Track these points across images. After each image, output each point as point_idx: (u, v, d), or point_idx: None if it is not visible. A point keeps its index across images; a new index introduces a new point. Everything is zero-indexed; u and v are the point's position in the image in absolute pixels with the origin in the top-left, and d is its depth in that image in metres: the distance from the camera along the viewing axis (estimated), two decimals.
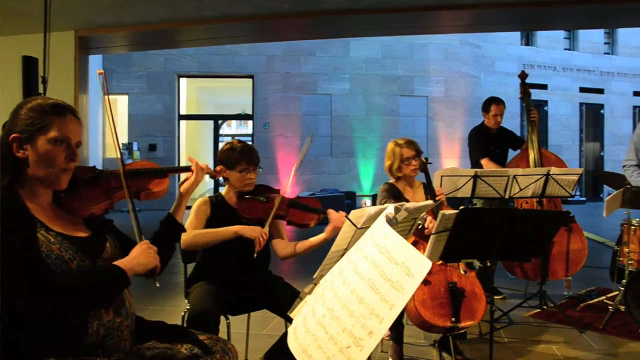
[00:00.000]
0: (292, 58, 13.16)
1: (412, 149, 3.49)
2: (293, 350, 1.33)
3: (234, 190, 2.88)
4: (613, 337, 3.90)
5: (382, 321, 1.15)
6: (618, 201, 2.70)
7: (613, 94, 16.82)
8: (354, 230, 2.01)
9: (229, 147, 2.87)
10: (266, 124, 13.09)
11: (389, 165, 3.53)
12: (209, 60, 12.94)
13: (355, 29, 8.11)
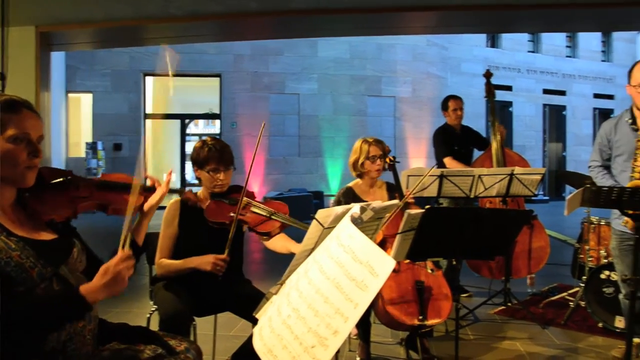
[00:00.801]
0: (260, 57, 13.10)
1: (379, 148, 3.49)
2: (258, 351, 1.32)
3: (207, 190, 2.79)
4: (574, 332, 4.01)
5: (347, 320, 1.16)
6: (578, 200, 2.76)
7: (574, 96, 17.27)
8: (321, 229, 2.01)
9: (200, 145, 2.76)
10: (233, 123, 13.00)
11: (354, 160, 3.50)
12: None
13: (323, 29, 8.11)
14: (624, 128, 3.19)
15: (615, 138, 3.24)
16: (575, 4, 5.50)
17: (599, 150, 3.34)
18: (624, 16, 6.01)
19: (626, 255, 3.23)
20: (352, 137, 12.64)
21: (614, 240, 3.35)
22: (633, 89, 3.07)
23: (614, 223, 3.34)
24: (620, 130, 3.22)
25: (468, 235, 2.54)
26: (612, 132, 3.26)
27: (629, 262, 3.20)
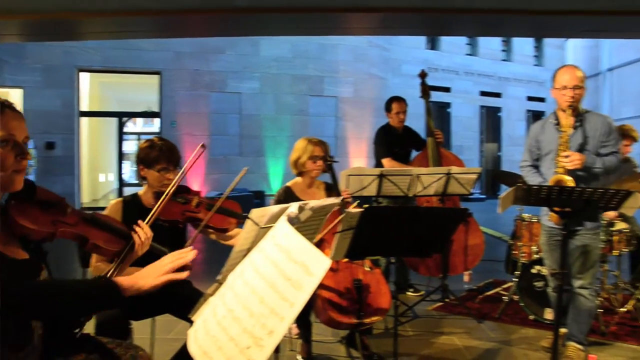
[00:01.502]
0: (201, 55, 12.87)
1: (322, 149, 3.51)
2: (193, 354, 1.30)
3: (152, 190, 2.72)
4: (507, 325, 4.16)
5: (283, 320, 1.15)
6: (511, 198, 2.86)
7: (509, 98, 17.93)
8: (257, 229, 1.99)
9: (148, 145, 2.69)
10: (173, 122, 12.71)
11: (295, 158, 3.51)
12: (113, 54, 12.33)
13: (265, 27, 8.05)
14: (550, 129, 3.37)
15: (542, 138, 3.42)
16: (509, 10, 5.69)
17: (528, 151, 3.51)
18: (554, 23, 6.28)
19: (554, 250, 3.40)
20: (294, 136, 12.62)
21: (543, 236, 3.51)
22: (557, 91, 3.25)
23: (543, 219, 3.51)
24: (546, 131, 3.40)
25: (406, 234, 2.59)
26: (540, 133, 3.45)
27: (557, 256, 3.36)
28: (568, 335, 3.42)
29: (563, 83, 3.20)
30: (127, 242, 1.95)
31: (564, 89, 3.19)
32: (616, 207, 2.79)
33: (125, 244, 1.95)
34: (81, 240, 1.81)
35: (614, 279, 4.49)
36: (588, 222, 3.26)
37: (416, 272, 4.91)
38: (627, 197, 2.69)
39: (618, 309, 4.23)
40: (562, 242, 2.88)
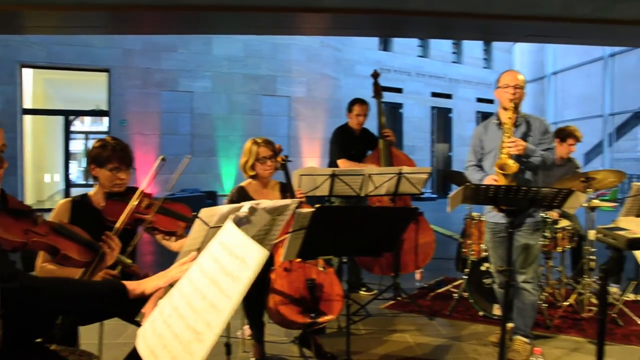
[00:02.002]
0: (152, 53, 12.60)
1: (269, 149, 3.48)
2: (142, 354, 1.30)
3: (103, 190, 2.65)
4: (458, 322, 4.24)
5: (222, 314, 1.16)
6: (459, 197, 2.92)
7: (460, 100, 18.35)
8: (207, 229, 1.96)
9: (100, 144, 2.63)
10: (123, 121, 12.39)
11: (244, 162, 3.50)
12: (59, 50, 11.91)
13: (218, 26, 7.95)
14: (493, 128, 3.55)
15: (485, 138, 3.58)
16: (460, 13, 5.82)
17: (473, 151, 3.65)
18: (501, 28, 6.46)
19: (498, 246, 3.51)
20: (246, 136, 12.43)
21: (487, 233, 3.62)
22: (500, 90, 3.44)
23: (487, 217, 3.62)
24: (489, 131, 3.57)
25: (357, 233, 2.60)
26: (483, 134, 3.61)
27: (501, 253, 3.47)
28: (514, 329, 3.53)
29: (506, 82, 3.40)
30: (97, 253, 1.95)
31: (507, 87, 3.38)
32: (559, 206, 2.89)
33: (94, 254, 1.95)
34: (52, 250, 1.80)
35: (558, 275, 4.65)
36: (529, 219, 3.38)
37: (369, 271, 4.94)
38: (569, 195, 2.79)
39: (561, 303, 4.38)
40: (507, 239, 2.96)
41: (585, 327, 4.01)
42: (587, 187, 4.28)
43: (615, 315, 4.14)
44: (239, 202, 3.13)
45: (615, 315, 4.14)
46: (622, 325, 4.06)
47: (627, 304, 4.50)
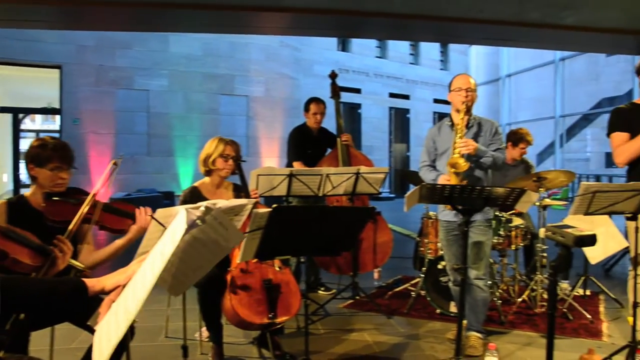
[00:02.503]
0: (106, 50, 12.26)
1: (233, 149, 3.51)
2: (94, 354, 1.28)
3: (42, 190, 2.57)
4: (415, 320, 4.30)
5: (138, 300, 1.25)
6: (416, 197, 2.96)
7: (417, 100, 18.60)
8: (162, 230, 1.93)
9: (39, 144, 2.54)
10: (76, 119, 12.01)
11: (205, 156, 3.46)
12: (7, 45, 11.38)
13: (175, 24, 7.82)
14: (446, 130, 3.63)
15: (438, 139, 3.66)
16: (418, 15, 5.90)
17: (427, 152, 3.72)
18: (458, 30, 6.58)
19: (452, 244, 3.59)
20: (204, 136, 12.36)
21: (441, 232, 3.69)
22: (453, 93, 3.52)
23: (440, 215, 3.69)
24: (442, 132, 3.65)
25: (315, 233, 2.60)
26: (436, 135, 3.69)
27: (455, 251, 3.55)
28: (468, 325, 3.61)
29: (458, 85, 3.49)
30: (48, 257, 1.91)
31: (459, 90, 3.46)
32: (512, 205, 2.97)
33: (45, 259, 1.91)
34: (1, 255, 1.74)
35: (512, 272, 4.77)
36: (480, 216, 3.45)
37: (327, 271, 4.95)
38: (521, 195, 2.87)
39: (515, 299, 4.50)
40: (461, 237, 3.02)
41: (538, 322, 4.13)
42: (539, 186, 4.40)
43: (566, 310, 4.28)
44: (192, 202, 3.11)
45: (565, 310, 4.28)
46: (572, 319, 4.20)
47: (577, 298, 4.65)
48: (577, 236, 2.27)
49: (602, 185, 2.69)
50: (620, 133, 3.31)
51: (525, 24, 5.90)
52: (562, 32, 6.05)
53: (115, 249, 2.59)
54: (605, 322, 4.24)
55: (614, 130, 3.35)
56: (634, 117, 3.28)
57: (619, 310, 4.54)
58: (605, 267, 6.07)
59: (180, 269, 1.84)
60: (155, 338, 3.83)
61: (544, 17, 5.67)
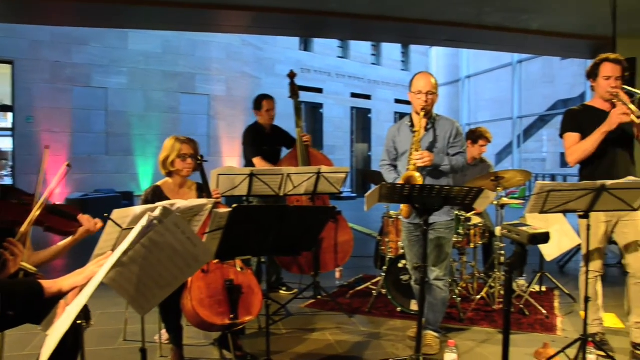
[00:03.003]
0: (62, 46, 11.89)
1: (191, 147, 3.45)
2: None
3: None
4: (376, 318, 4.33)
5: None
6: (376, 196, 2.98)
7: (378, 100, 18.76)
8: (119, 231, 1.88)
9: None
10: (29, 117, 11.60)
11: (164, 157, 3.42)
12: None
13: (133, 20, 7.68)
14: (405, 130, 3.59)
15: (398, 140, 3.63)
16: (380, 16, 5.95)
17: (387, 151, 3.72)
18: (418, 32, 6.67)
19: (414, 245, 3.61)
20: (164, 135, 12.05)
21: (404, 232, 3.71)
22: (413, 95, 3.48)
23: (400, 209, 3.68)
24: (402, 133, 3.62)
25: (275, 233, 2.59)
26: (396, 135, 3.66)
27: (416, 251, 3.58)
28: (425, 324, 3.63)
29: (418, 88, 3.43)
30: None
31: (419, 93, 3.42)
32: (471, 204, 3.02)
33: None
34: None
35: (471, 270, 4.86)
36: (442, 217, 3.48)
37: (288, 271, 4.94)
38: (479, 194, 2.93)
39: (474, 296, 4.59)
40: (422, 237, 3.06)
41: (496, 318, 4.22)
42: (497, 185, 4.50)
43: (523, 306, 4.38)
44: (154, 202, 3.06)
45: (522, 306, 4.38)
46: (529, 315, 4.31)
47: (533, 294, 4.78)
48: (531, 234, 2.33)
49: (556, 184, 2.76)
50: (572, 134, 3.40)
51: (485, 27, 6.03)
52: (520, 35, 6.21)
53: (57, 250, 2.53)
54: (560, 316, 4.37)
55: (566, 131, 3.45)
56: (585, 119, 3.38)
57: (572, 305, 4.68)
58: (560, 264, 6.25)
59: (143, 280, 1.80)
60: (113, 341, 3.75)
61: (503, 21, 5.81)
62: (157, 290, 1.89)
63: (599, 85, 3.34)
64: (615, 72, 3.26)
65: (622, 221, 3.34)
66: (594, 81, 3.38)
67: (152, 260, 1.79)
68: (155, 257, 1.79)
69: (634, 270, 3.32)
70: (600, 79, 3.31)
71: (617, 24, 4.92)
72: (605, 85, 3.28)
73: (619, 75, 3.27)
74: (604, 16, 4.97)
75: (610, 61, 3.28)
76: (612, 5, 4.73)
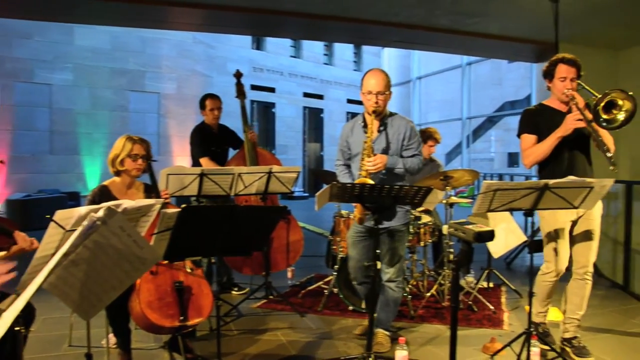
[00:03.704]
0: (2, 39, 11.32)
1: (143, 147, 3.37)
2: None
3: None
4: (328, 317, 4.35)
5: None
6: (327, 196, 2.99)
7: (331, 100, 18.85)
8: (62, 232, 1.82)
9: None
10: None
11: (113, 156, 3.33)
12: None
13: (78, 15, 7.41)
14: (358, 131, 3.52)
15: (351, 140, 3.57)
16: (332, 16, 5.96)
17: (340, 151, 3.67)
18: (370, 32, 6.72)
19: (359, 242, 3.56)
20: (112, 133, 11.80)
21: (351, 229, 3.66)
22: (363, 95, 3.39)
23: (353, 215, 3.67)
24: (355, 133, 3.55)
25: (225, 233, 2.56)
26: (349, 135, 3.59)
27: (360, 249, 3.55)
28: (376, 322, 3.64)
29: (369, 88, 3.34)
30: None
31: (369, 94, 3.33)
32: (420, 203, 3.06)
33: None
34: None
35: (421, 267, 4.94)
36: (396, 222, 3.48)
37: (239, 271, 4.91)
38: (428, 193, 2.97)
39: (424, 294, 4.67)
40: (374, 237, 3.08)
41: (446, 315, 4.30)
42: (446, 185, 4.59)
43: (471, 303, 4.49)
44: (101, 202, 2.97)
45: (470, 303, 4.49)
46: (477, 310, 4.42)
47: (481, 291, 4.90)
48: (477, 232, 2.38)
49: (502, 183, 2.82)
50: (529, 135, 3.42)
51: (435, 29, 6.14)
52: (469, 38, 6.35)
53: None
54: (507, 311, 4.50)
55: (523, 132, 3.46)
56: (542, 120, 3.41)
57: (519, 300, 4.83)
58: (506, 261, 6.44)
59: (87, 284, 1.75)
60: (57, 347, 3.62)
61: (452, 24, 5.92)
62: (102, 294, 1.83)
63: (555, 86, 3.36)
64: (570, 74, 3.29)
65: (583, 220, 3.38)
66: (550, 82, 3.40)
67: (96, 263, 1.74)
68: (99, 260, 1.75)
69: (576, 267, 3.40)
70: (556, 80, 3.34)
71: (559, 30, 5.11)
72: (561, 87, 3.31)
73: (574, 77, 3.30)
74: (547, 22, 5.15)
75: (566, 62, 3.30)
76: (554, 11, 4.89)
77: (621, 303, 4.80)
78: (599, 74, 6.13)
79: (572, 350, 3.38)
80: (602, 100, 3.03)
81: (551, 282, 3.45)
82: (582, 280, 3.38)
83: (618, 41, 6.13)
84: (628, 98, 3.01)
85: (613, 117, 3.06)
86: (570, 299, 3.43)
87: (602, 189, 2.98)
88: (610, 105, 3.05)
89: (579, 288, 3.39)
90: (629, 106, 3.02)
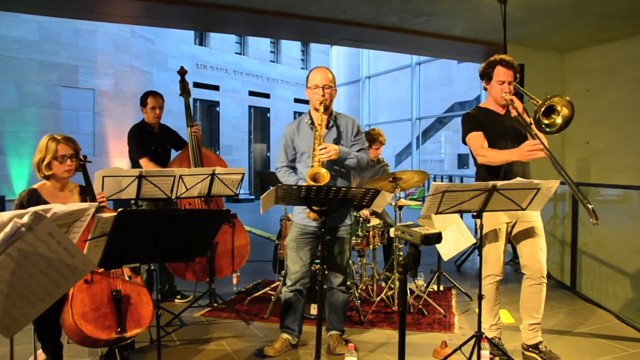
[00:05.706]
0: None
1: (69, 146, 3.17)
2: None
3: None
4: (276, 324, 4.17)
5: None
6: (272, 198, 2.88)
7: (278, 99, 18.67)
8: None
9: None
10: None
11: (38, 160, 3.12)
12: None
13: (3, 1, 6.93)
14: (305, 128, 3.48)
15: (298, 139, 3.50)
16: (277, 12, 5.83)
17: (284, 152, 3.57)
18: (317, 30, 6.63)
19: (304, 246, 3.47)
20: (42, 132, 11.01)
21: (293, 232, 3.54)
22: (310, 90, 3.39)
23: (296, 217, 3.56)
24: (302, 131, 3.50)
25: (166, 238, 2.41)
26: (295, 134, 3.52)
27: (306, 252, 3.47)
28: (328, 326, 3.65)
29: (315, 82, 3.34)
30: None
31: (316, 87, 3.33)
32: (368, 205, 3.00)
33: None
34: None
35: (371, 271, 4.88)
36: (342, 225, 3.45)
37: (182, 278, 4.69)
38: (376, 195, 2.91)
39: (374, 298, 4.61)
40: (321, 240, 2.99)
41: (396, 320, 4.26)
42: (395, 186, 4.54)
43: (421, 306, 4.46)
44: (29, 206, 2.72)
45: (421, 306, 4.46)
46: (427, 314, 4.40)
47: (431, 294, 4.90)
48: (424, 235, 2.32)
49: (450, 185, 2.79)
50: (475, 133, 3.41)
51: (384, 28, 6.10)
52: (417, 37, 6.35)
53: None
54: (457, 315, 4.49)
55: (468, 132, 3.45)
56: (484, 119, 3.43)
57: (469, 303, 4.85)
58: (456, 263, 6.48)
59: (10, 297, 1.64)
60: None
61: (401, 22, 5.90)
62: (27, 308, 1.73)
63: (493, 88, 3.39)
64: (508, 77, 3.33)
65: (520, 222, 3.41)
66: (488, 83, 3.42)
67: (20, 274, 1.64)
68: (24, 270, 1.64)
69: (530, 272, 3.39)
70: (494, 82, 3.37)
71: (507, 31, 5.17)
72: (499, 91, 3.35)
73: (511, 80, 3.34)
74: (496, 23, 5.20)
75: (504, 65, 3.32)
76: (503, 13, 4.94)
77: (569, 304, 4.89)
78: (546, 75, 6.30)
79: (541, 357, 3.37)
80: (543, 105, 3.06)
81: (493, 284, 3.47)
82: (538, 285, 3.38)
83: (564, 44, 6.28)
84: (567, 104, 3.06)
85: (552, 121, 3.10)
86: (527, 304, 3.43)
87: (549, 191, 3.01)
88: (549, 110, 3.09)
89: (536, 292, 3.38)
90: (566, 112, 3.06)
